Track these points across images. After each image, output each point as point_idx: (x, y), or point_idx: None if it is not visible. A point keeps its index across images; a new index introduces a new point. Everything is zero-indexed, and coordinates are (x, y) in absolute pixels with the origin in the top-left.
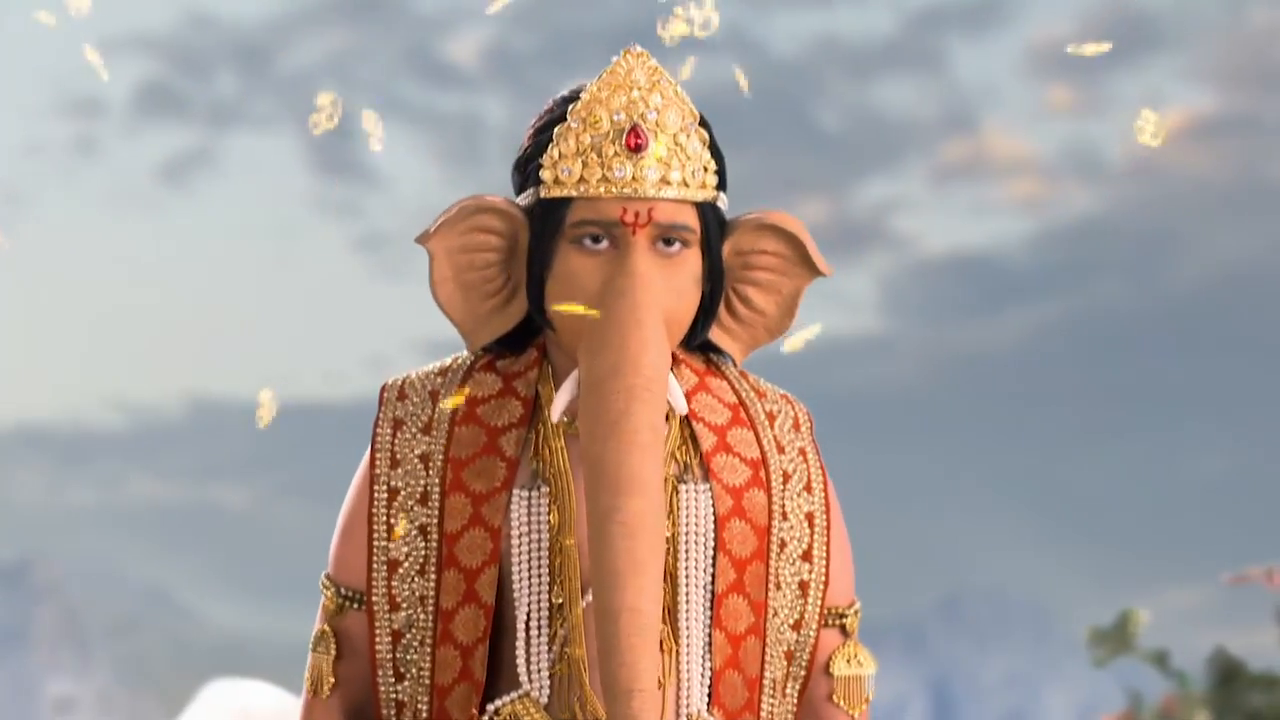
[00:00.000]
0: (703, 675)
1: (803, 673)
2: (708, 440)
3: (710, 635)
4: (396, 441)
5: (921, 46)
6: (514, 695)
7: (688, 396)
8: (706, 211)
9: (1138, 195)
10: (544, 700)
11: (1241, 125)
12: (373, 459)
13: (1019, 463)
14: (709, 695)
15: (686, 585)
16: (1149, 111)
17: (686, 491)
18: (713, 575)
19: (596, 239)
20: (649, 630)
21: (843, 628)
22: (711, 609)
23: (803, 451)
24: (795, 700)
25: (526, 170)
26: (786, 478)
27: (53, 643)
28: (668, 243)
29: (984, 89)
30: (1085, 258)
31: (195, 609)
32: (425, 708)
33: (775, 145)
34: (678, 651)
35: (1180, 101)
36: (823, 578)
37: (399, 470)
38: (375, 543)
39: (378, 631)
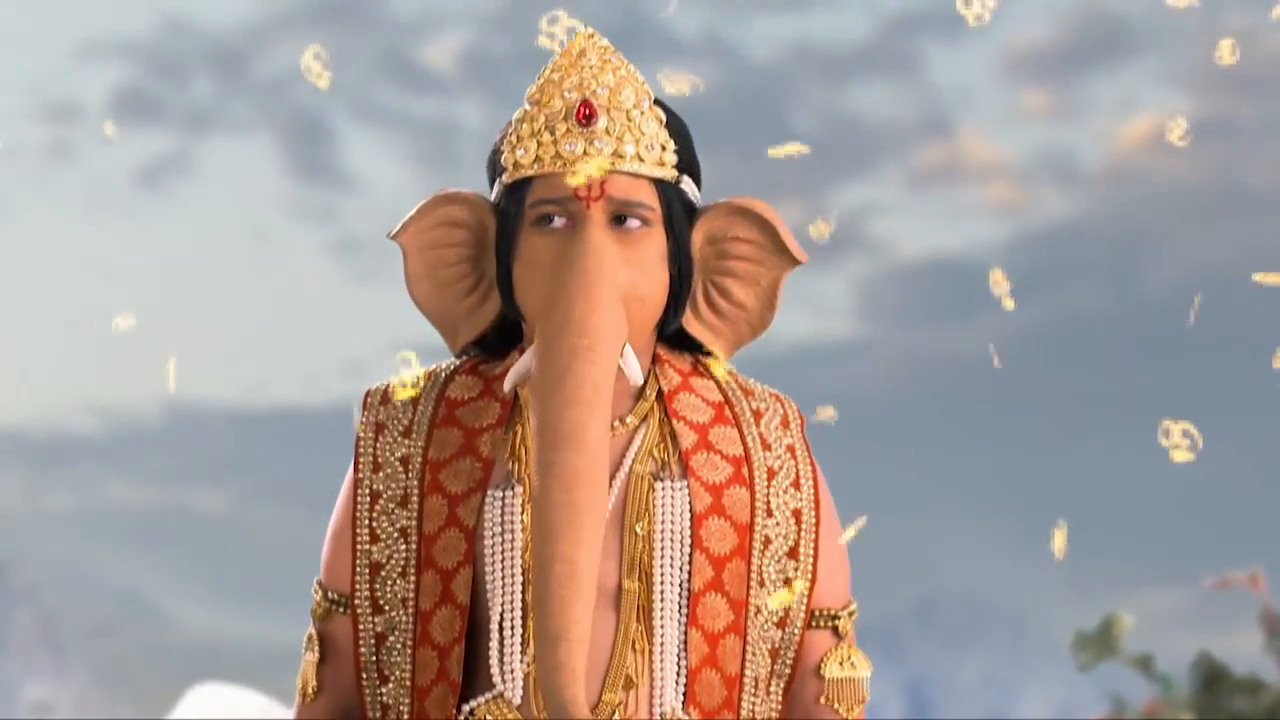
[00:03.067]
0: (678, 674)
1: (788, 671)
2: (688, 438)
3: (685, 633)
4: (379, 446)
5: (897, 51)
6: (488, 696)
7: (670, 396)
8: (667, 191)
9: (1112, 199)
10: (517, 700)
11: (1216, 130)
12: (356, 463)
13: (994, 466)
14: (684, 694)
15: (662, 583)
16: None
17: (662, 489)
18: (689, 573)
19: (554, 218)
20: (581, 580)
21: (835, 629)
22: (688, 607)
23: (791, 449)
24: (780, 699)
25: (494, 163)
26: (772, 474)
27: (29, 646)
28: (623, 219)
29: (959, 94)
30: (1060, 262)
31: (171, 612)
32: (406, 709)
33: (750, 149)
34: (651, 650)
35: (1154, 106)
36: (809, 575)
37: (381, 474)
38: (358, 546)
39: (361, 634)
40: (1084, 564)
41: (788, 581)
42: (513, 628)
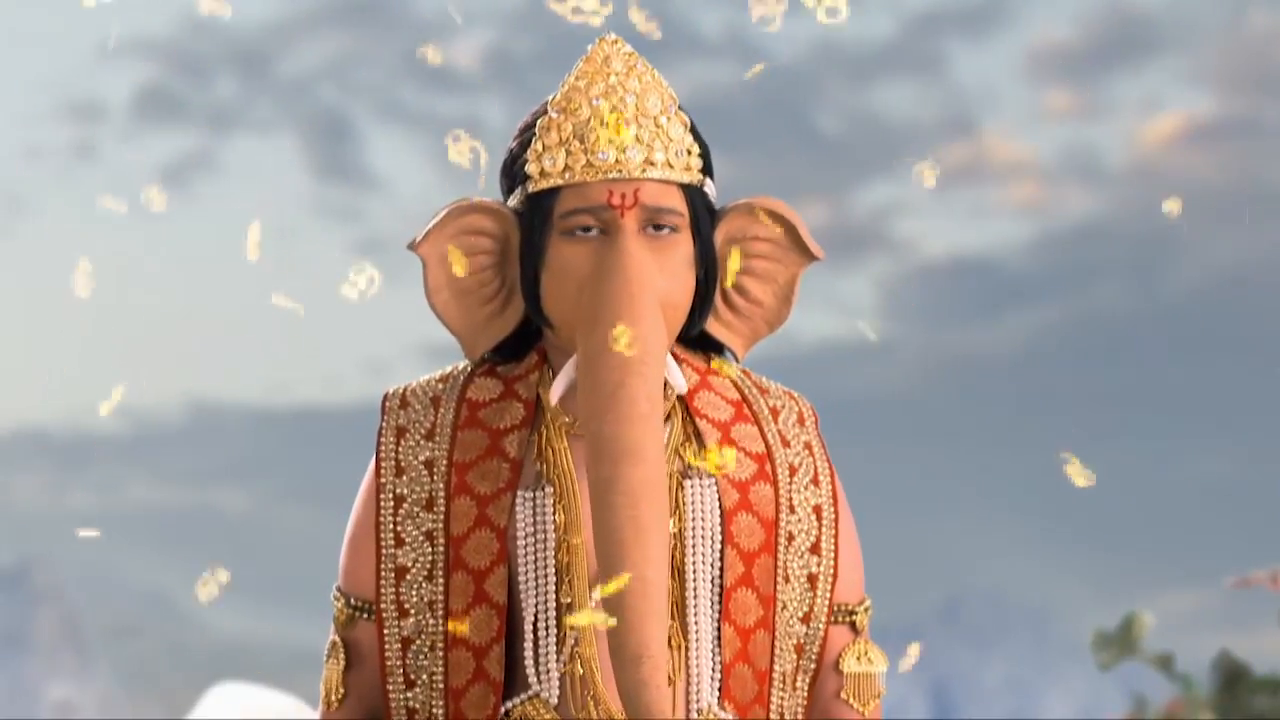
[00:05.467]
0: (713, 669)
1: (812, 666)
2: (712, 436)
3: (719, 629)
4: (400, 449)
5: (921, 50)
6: (524, 696)
7: (690, 395)
8: (693, 195)
9: (1137, 199)
10: (554, 701)
11: (1241, 129)
12: (377, 468)
13: (1018, 466)
14: (719, 689)
15: (694, 580)
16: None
17: (692, 486)
18: (721, 569)
19: (587, 228)
20: (655, 597)
21: (853, 624)
22: (720, 603)
23: (808, 445)
24: (805, 694)
25: (513, 171)
26: (793, 471)
27: (53, 647)
28: (657, 228)
29: (983, 92)
30: (1084, 261)
31: (195, 613)
32: (440, 712)
33: (774, 148)
34: (686, 646)
35: (1179, 105)
36: (831, 570)
37: (404, 478)
38: (383, 551)
39: (387, 639)
40: (1106, 563)
41: (811, 578)
42: (547, 627)
